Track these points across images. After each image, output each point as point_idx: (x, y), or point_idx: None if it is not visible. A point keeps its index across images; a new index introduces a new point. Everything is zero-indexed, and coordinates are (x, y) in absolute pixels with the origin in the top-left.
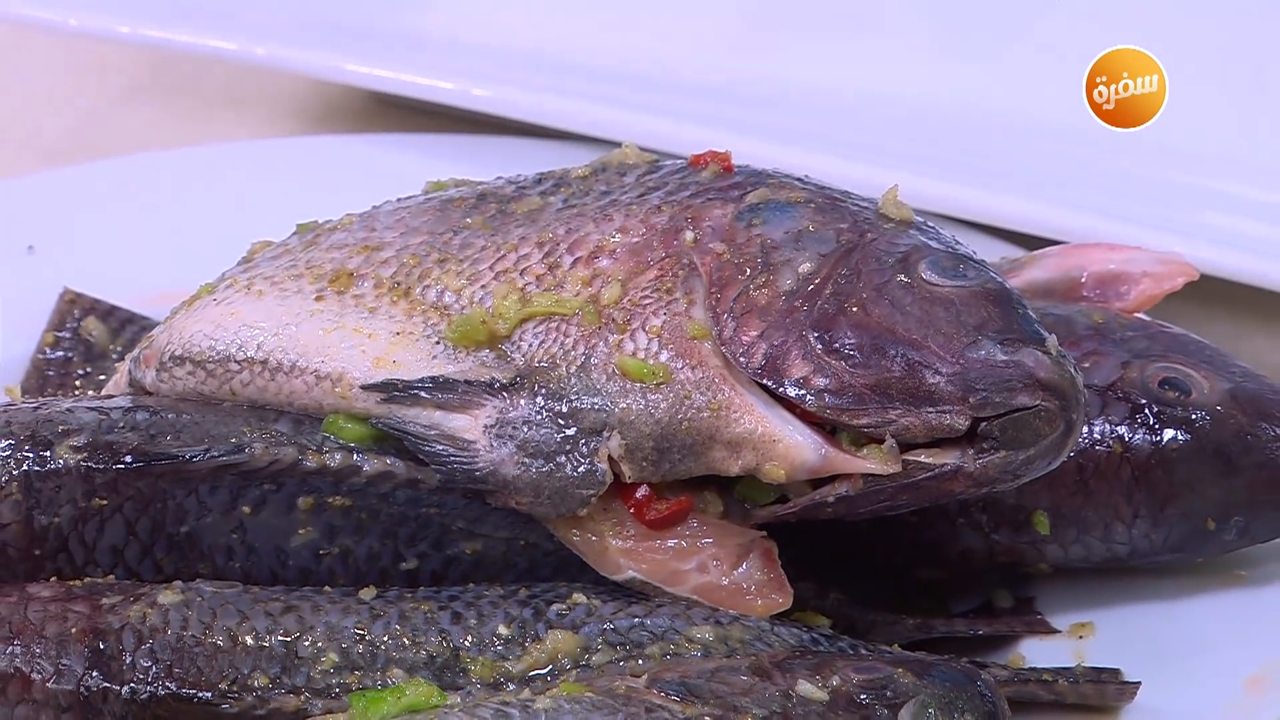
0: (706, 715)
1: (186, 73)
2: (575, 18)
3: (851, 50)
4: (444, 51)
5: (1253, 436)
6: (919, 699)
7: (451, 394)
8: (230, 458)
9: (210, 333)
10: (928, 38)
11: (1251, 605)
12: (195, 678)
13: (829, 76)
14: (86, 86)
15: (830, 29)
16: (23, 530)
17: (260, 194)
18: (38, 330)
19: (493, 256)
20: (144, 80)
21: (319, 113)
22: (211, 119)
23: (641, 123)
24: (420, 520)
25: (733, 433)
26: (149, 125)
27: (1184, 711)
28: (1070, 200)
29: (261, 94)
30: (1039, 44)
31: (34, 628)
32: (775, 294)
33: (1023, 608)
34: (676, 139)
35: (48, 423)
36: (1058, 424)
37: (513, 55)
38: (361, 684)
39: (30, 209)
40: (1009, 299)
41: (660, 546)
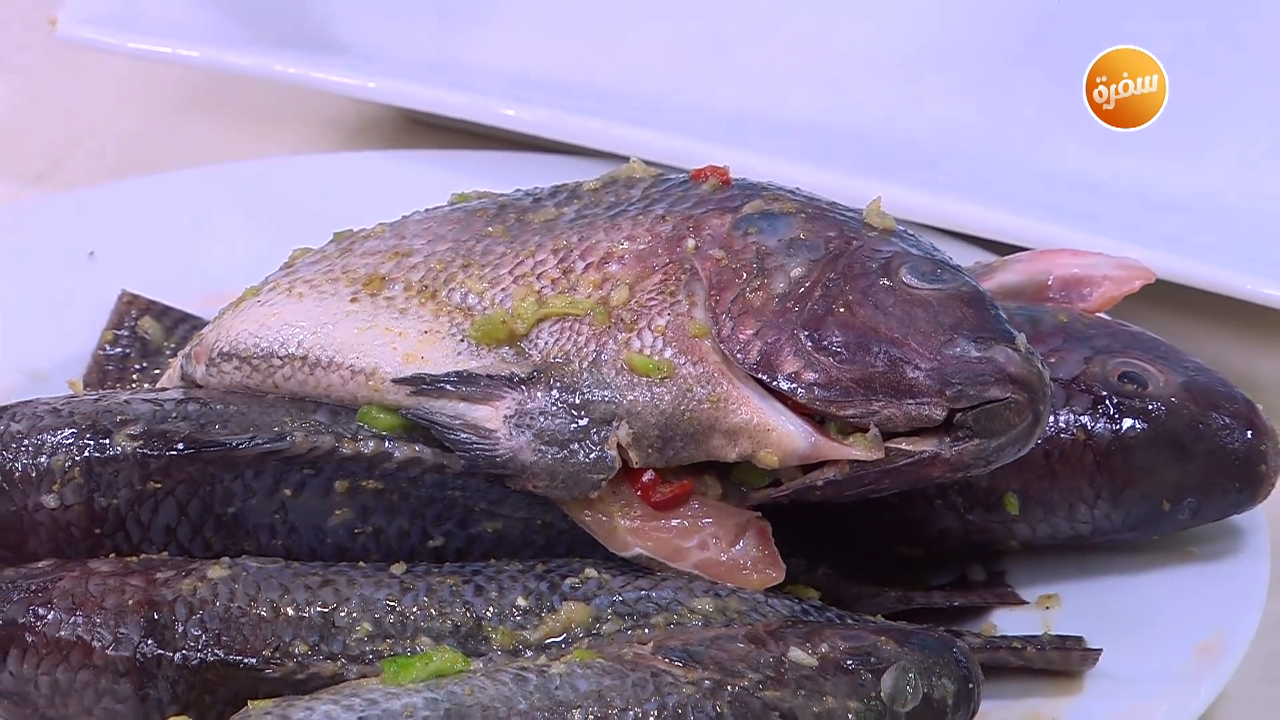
0: (706, 679)
1: (232, 92)
2: (587, 45)
3: (842, 69)
4: (470, 73)
5: (1204, 425)
6: (900, 664)
7: (474, 387)
8: (273, 445)
9: (255, 331)
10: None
11: (1202, 579)
12: (241, 645)
13: (823, 97)
14: (142, 105)
15: (822, 47)
16: (84, 511)
17: (300, 205)
18: (98, 329)
19: (512, 262)
20: (193, 98)
21: (356, 128)
22: (261, 134)
23: (648, 138)
24: (446, 502)
25: (730, 423)
26: (198, 141)
27: (1141, 675)
28: (1035, 210)
29: (303, 111)
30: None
31: (94, 600)
32: (769, 296)
33: (994, 581)
34: (685, 154)
35: (107, 413)
36: (1026, 414)
37: (533, 77)
38: (393, 651)
39: (91, 218)
40: (982, 300)
41: (664, 526)
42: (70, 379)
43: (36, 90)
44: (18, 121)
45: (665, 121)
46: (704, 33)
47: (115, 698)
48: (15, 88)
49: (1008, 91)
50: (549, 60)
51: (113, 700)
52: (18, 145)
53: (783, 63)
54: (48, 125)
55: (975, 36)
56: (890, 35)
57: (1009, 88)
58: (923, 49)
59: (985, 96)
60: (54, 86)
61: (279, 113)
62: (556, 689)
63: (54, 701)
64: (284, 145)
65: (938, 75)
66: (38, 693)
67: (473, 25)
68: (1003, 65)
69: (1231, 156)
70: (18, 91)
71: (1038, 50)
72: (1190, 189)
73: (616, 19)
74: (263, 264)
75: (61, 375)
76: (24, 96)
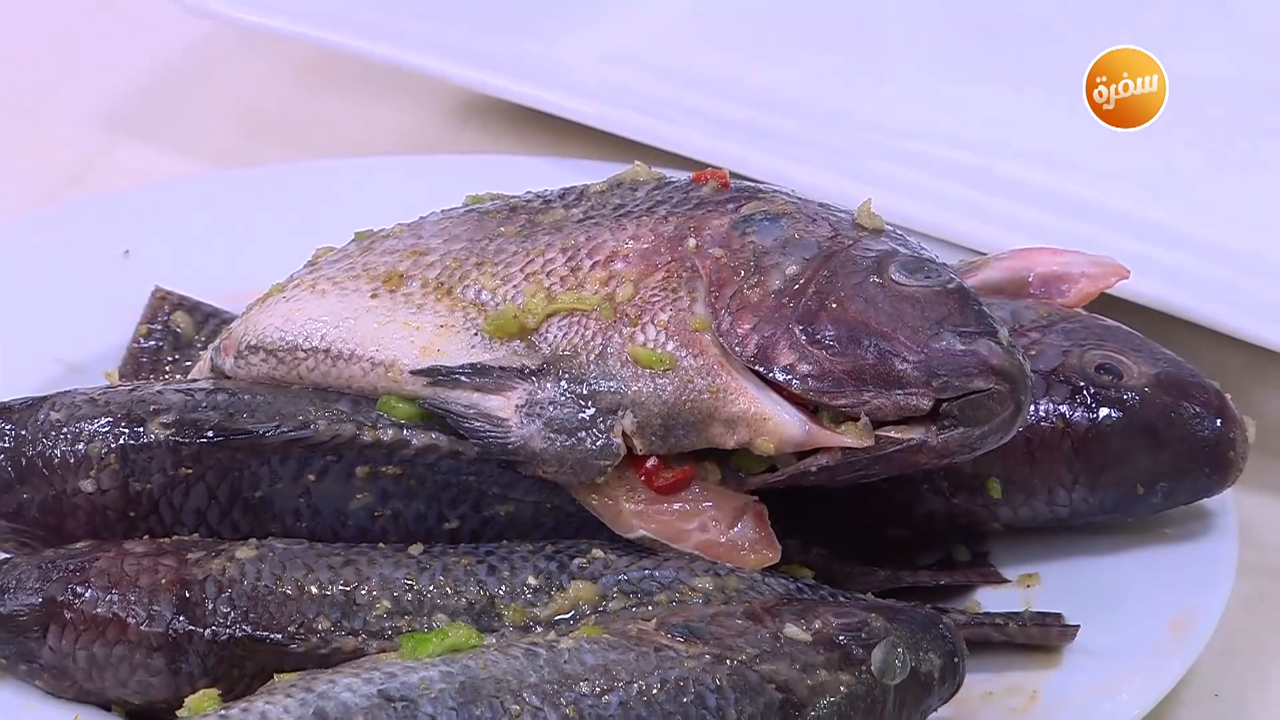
0: (706, 654)
1: (347, 64)
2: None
3: (839, 67)
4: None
5: (1176, 414)
6: (889, 639)
7: (488, 378)
8: (298, 433)
9: (281, 325)
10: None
11: (1174, 559)
12: (267, 622)
13: (829, 97)
14: (266, 87)
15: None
16: (120, 495)
17: (324, 207)
18: (133, 323)
19: (523, 260)
20: (312, 67)
21: (461, 105)
22: (371, 109)
23: (656, 128)
24: (461, 486)
25: (729, 412)
26: (315, 113)
27: (1117, 650)
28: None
29: (412, 87)
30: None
31: (129, 579)
32: (766, 292)
33: (978, 561)
34: (690, 144)
35: (141, 403)
36: (1008, 404)
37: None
38: (410, 627)
39: (125, 219)
40: (966, 296)
41: (667, 509)
42: (107, 370)
43: (169, 62)
44: (153, 95)
45: (674, 117)
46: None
47: (149, 671)
48: (152, 59)
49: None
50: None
51: (146, 674)
52: (154, 115)
53: (783, 59)
54: (182, 99)
55: (974, 37)
56: (889, 36)
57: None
58: (923, 50)
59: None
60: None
61: (391, 86)
62: (565, 663)
63: (91, 675)
64: (391, 120)
65: (936, 76)
66: (76, 666)
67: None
68: (1002, 65)
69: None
70: (153, 63)
71: (1038, 50)
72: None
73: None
74: (288, 262)
75: (99, 367)
76: (157, 67)
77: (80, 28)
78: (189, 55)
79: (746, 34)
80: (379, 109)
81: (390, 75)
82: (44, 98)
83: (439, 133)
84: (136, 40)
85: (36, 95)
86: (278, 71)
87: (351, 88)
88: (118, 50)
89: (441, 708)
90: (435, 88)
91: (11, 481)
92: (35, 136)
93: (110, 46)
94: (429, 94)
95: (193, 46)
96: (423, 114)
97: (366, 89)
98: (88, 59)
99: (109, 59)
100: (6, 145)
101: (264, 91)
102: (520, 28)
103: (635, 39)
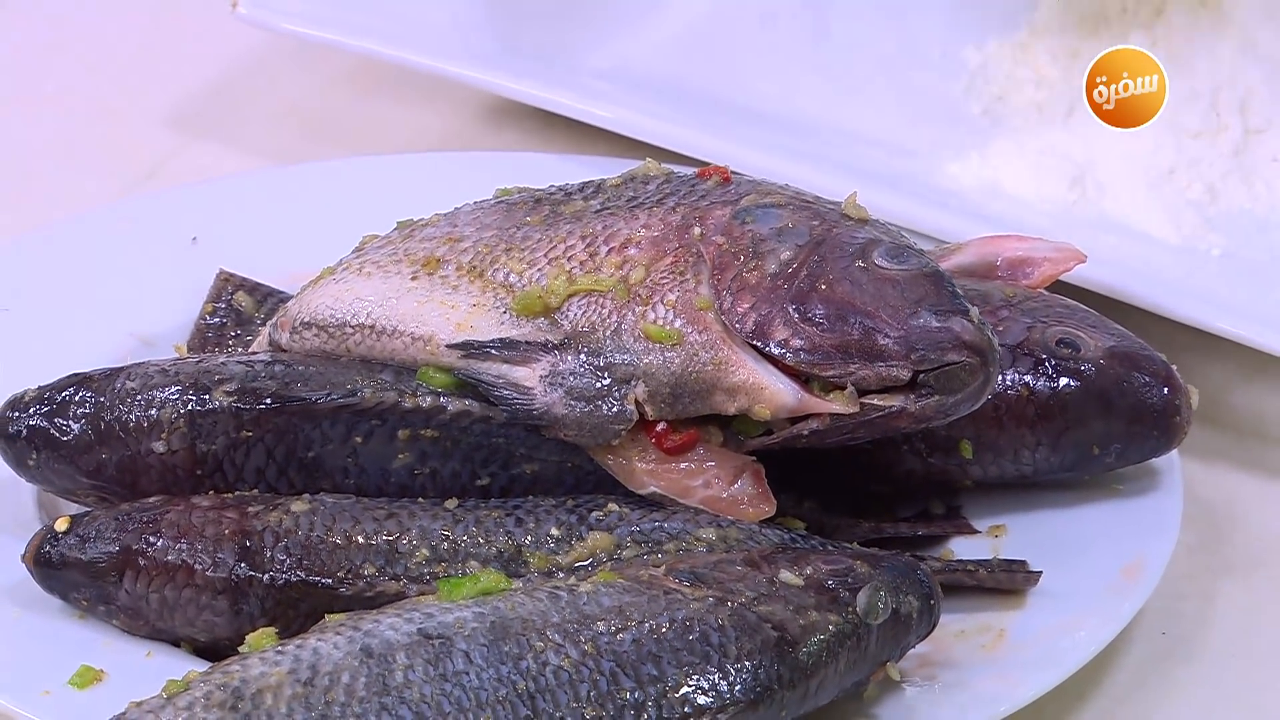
0: (710, 596)
1: (393, 75)
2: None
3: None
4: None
5: (1127, 383)
6: (873, 584)
7: (515, 351)
8: (346, 400)
9: (331, 304)
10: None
11: (1126, 511)
12: (319, 568)
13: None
14: (320, 92)
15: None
16: (188, 455)
17: (370, 198)
18: (199, 302)
19: (546, 246)
20: (362, 73)
21: (498, 108)
22: (417, 112)
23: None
24: (491, 448)
25: (730, 382)
26: (366, 116)
27: (1075, 592)
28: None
29: (453, 93)
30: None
31: (196, 529)
32: (763, 275)
33: (951, 514)
34: (695, 144)
35: (206, 373)
36: (979, 375)
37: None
38: (447, 573)
39: (194, 210)
40: (941, 279)
41: (675, 468)
42: (176, 344)
43: (233, 69)
44: (219, 99)
45: (682, 119)
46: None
47: (214, 612)
48: (218, 66)
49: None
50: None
51: (211, 614)
52: (221, 117)
53: (782, 58)
54: (245, 103)
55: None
56: (884, 34)
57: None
58: (921, 52)
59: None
60: (234, 63)
61: (431, 91)
62: (584, 604)
63: (163, 615)
64: (431, 121)
65: (936, 77)
66: (149, 608)
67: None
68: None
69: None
70: (219, 71)
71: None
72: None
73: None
74: (337, 248)
75: (169, 341)
76: (223, 74)
77: (154, 39)
78: (251, 63)
79: (745, 45)
80: (420, 112)
81: (430, 81)
82: (124, 102)
83: (473, 133)
84: (204, 50)
85: (117, 99)
86: (330, 78)
87: (396, 93)
88: (188, 59)
89: (474, 644)
90: (470, 93)
91: (92, 443)
92: (116, 136)
93: (181, 56)
94: (464, 99)
95: (254, 55)
96: (459, 116)
97: (409, 94)
98: (161, 67)
99: (180, 67)
100: (90, 145)
101: (318, 96)
102: (546, 40)
103: (647, 50)
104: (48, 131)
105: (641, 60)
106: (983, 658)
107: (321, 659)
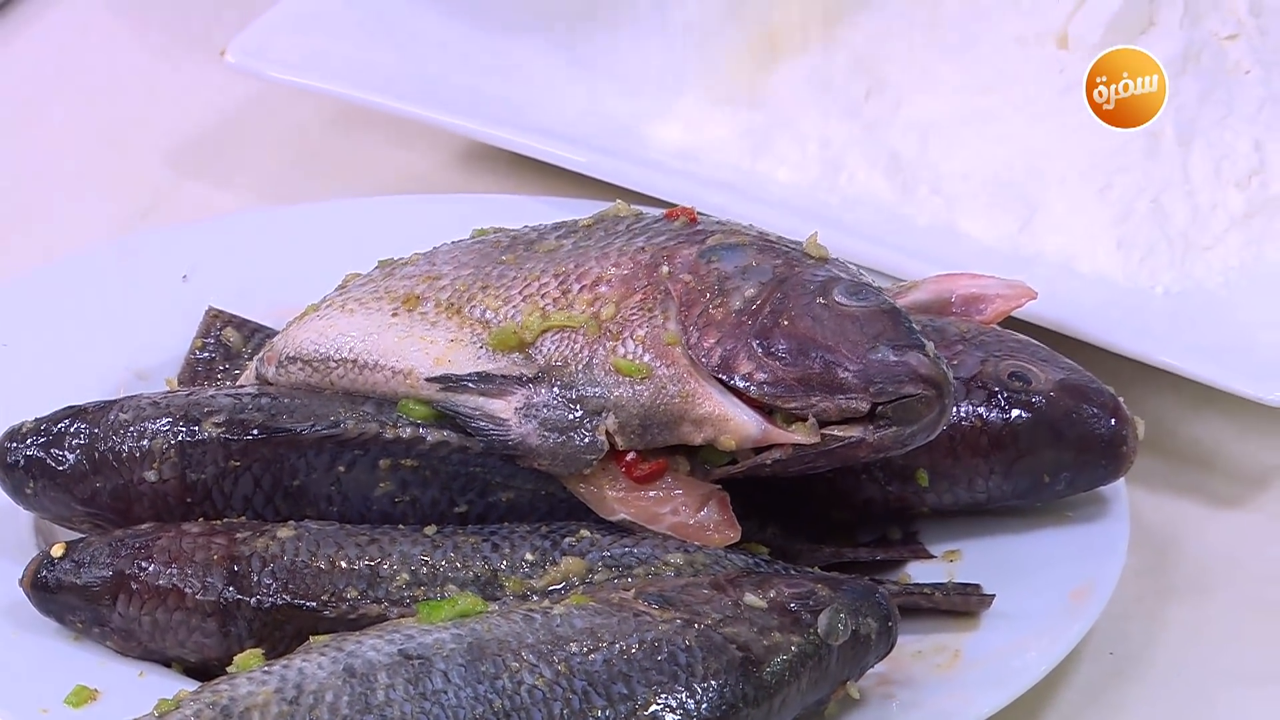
0: (678, 618)
1: (376, 119)
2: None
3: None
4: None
5: (1077, 415)
6: (833, 606)
7: (491, 385)
8: (330, 430)
9: (315, 339)
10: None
11: (1075, 537)
12: (304, 591)
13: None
14: (306, 134)
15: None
16: (178, 484)
17: (352, 239)
18: (190, 337)
19: (521, 284)
20: (344, 118)
21: (476, 153)
22: (395, 155)
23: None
24: (469, 476)
25: (697, 413)
26: (345, 156)
27: (1026, 614)
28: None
29: (436, 137)
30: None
31: (186, 555)
32: (728, 311)
33: (909, 539)
34: (662, 187)
35: (196, 405)
36: (935, 407)
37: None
38: (426, 596)
39: (185, 248)
40: (898, 315)
41: (644, 495)
42: (168, 377)
43: (226, 112)
44: (212, 139)
45: (645, 161)
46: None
47: (203, 634)
48: (211, 109)
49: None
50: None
51: (201, 636)
52: (213, 157)
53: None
54: (236, 143)
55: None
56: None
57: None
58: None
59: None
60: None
61: (412, 134)
62: (558, 626)
63: (154, 637)
64: (412, 163)
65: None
66: (141, 630)
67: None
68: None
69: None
70: (212, 113)
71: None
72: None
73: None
74: (321, 285)
75: (161, 374)
76: (215, 116)
77: (152, 83)
78: (243, 106)
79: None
80: (401, 154)
81: (411, 125)
82: (120, 140)
83: (451, 175)
84: (198, 94)
85: (114, 139)
86: (315, 121)
87: (379, 136)
88: (183, 101)
89: (453, 664)
90: (447, 137)
91: (87, 472)
92: (114, 173)
93: (176, 98)
94: (443, 142)
95: (246, 98)
96: (437, 158)
97: (392, 136)
98: (157, 109)
99: (176, 108)
100: (89, 182)
101: (304, 138)
102: (519, 87)
103: (616, 98)
104: (48, 167)
105: (611, 107)
106: (939, 677)
107: (306, 678)
